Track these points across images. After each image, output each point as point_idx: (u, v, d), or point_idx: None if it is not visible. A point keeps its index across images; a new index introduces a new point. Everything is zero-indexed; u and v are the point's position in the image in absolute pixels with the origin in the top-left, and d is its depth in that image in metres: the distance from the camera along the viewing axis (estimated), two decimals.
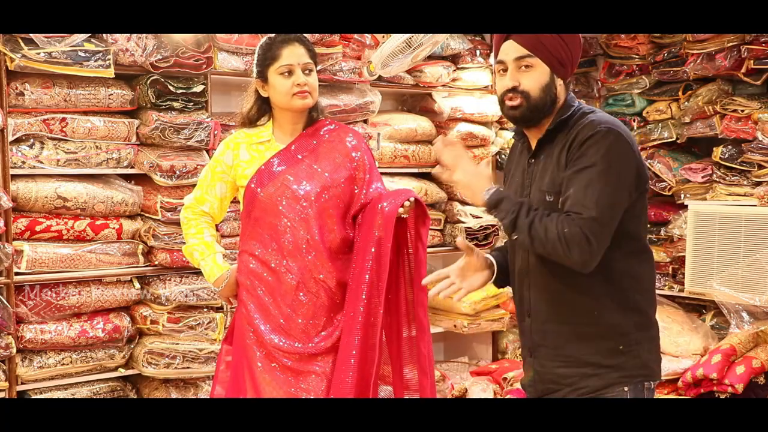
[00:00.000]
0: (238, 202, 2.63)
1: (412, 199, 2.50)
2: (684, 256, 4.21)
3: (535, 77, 2.01)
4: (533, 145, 2.11)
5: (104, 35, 3.31)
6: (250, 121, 2.62)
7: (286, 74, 2.48)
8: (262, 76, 2.53)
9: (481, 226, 4.44)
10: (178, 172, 3.45)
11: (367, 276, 2.44)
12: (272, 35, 2.55)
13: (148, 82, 3.41)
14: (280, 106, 2.54)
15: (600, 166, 1.90)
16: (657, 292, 2.89)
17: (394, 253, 2.55)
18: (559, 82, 2.05)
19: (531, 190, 2.07)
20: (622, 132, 1.96)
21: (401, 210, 2.47)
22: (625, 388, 2.00)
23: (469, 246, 2.13)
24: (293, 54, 2.48)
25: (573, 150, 1.95)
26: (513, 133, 2.30)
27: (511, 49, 2.03)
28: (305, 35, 2.59)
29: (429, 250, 4.44)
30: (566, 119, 2.03)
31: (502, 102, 2.07)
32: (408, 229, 2.57)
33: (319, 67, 3.74)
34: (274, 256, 2.49)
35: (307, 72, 2.49)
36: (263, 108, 2.60)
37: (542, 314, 2.07)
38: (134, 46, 3.35)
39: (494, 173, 4.65)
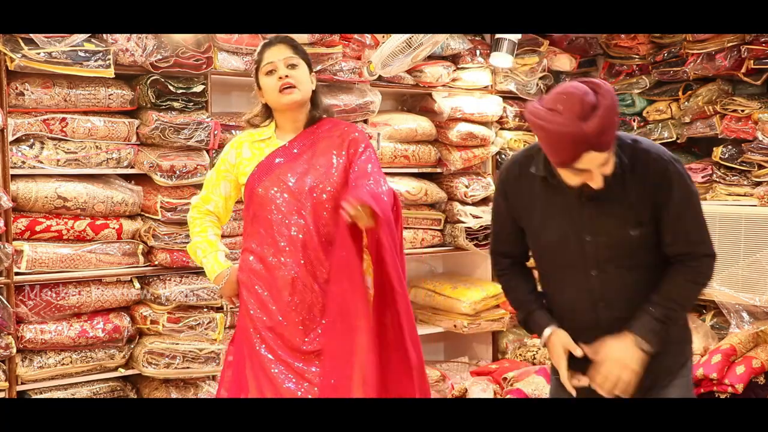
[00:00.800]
0: (242, 202, 2.64)
1: (353, 206, 2.23)
2: None
3: (611, 163, 1.99)
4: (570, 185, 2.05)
5: (104, 35, 3.31)
6: (252, 126, 2.66)
7: (270, 72, 2.51)
8: (257, 83, 2.59)
9: (481, 226, 4.44)
10: (178, 172, 3.45)
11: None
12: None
13: (148, 82, 3.41)
14: (274, 107, 2.57)
15: (689, 193, 2.06)
16: None
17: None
18: None
19: (598, 230, 2.07)
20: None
21: (348, 216, 2.24)
22: (694, 356, 2.26)
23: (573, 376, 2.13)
24: (274, 53, 2.52)
25: (656, 185, 2.03)
26: (518, 164, 2.18)
27: (594, 159, 1.93)
28: (291, 36, 2.59)
29: (429, 250, 4.47)
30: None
31: (579, 186, 2.03)
32: (371, 237, 2.36)
33: (318, 67, 3.77)
34: (270, 252, 2.50)
35: (290, 66, 2.51)
36: (266, 114, 2.63)
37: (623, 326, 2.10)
38: (134, 46, 3.35)
39: (494, 173, 4.65)
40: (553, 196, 2.11)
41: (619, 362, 2.02)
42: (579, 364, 2.11)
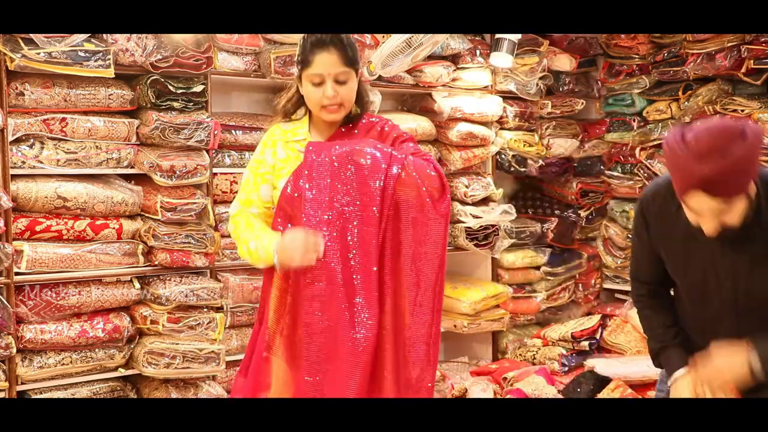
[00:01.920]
0: None
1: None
2: None
3: (738, 210, 1.86)
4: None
5: (104, 35, 3.31)
6: (285, 114, 2.49)
7: (317, 84, 2.32)
8: (299, 77, 2.39)
9: (481, 227, 4.44)
10: (178, 172, 3.45)
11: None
12: (310, 34, 2.35)
13: (148, 82, 3.41)
14: (312, 111, 2.42)
15: None
16: None
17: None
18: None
19: (737, 277, 1.97)
20: None
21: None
22: None
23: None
24: (324, 63, 2.28)
25: None
26: (661, 194, 2.06)
27: (704, 201, 1.83)
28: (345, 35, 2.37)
29: None
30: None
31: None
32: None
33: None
34: None
35: (339, 82, 2.30)
36: (300, 101, 2.46)
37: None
38: (134, 46, 3.36)
39: (494, 173, 4.65)
40: (693, 234, 1.97)
41: (719, 372, 1.97)
42: None
